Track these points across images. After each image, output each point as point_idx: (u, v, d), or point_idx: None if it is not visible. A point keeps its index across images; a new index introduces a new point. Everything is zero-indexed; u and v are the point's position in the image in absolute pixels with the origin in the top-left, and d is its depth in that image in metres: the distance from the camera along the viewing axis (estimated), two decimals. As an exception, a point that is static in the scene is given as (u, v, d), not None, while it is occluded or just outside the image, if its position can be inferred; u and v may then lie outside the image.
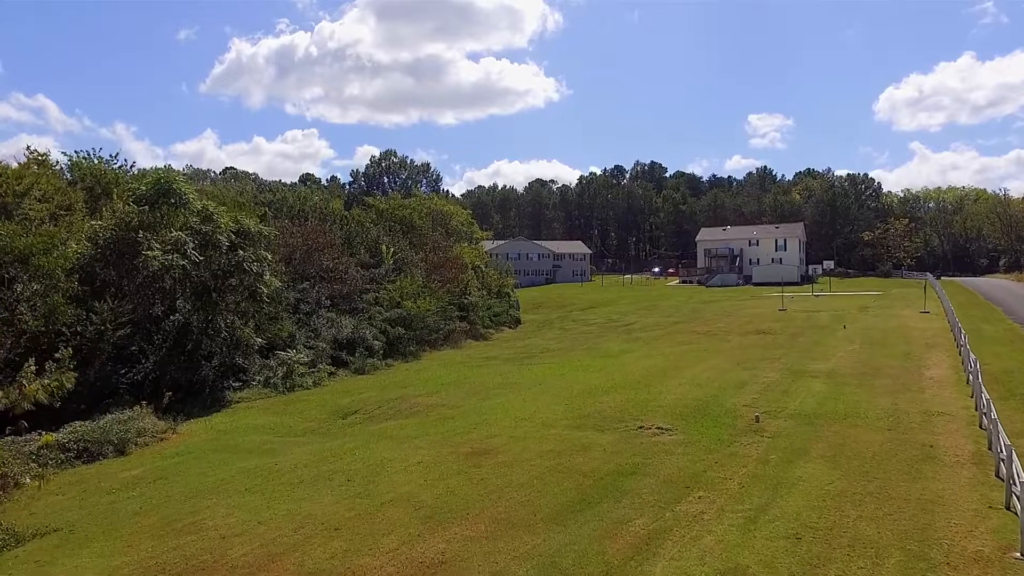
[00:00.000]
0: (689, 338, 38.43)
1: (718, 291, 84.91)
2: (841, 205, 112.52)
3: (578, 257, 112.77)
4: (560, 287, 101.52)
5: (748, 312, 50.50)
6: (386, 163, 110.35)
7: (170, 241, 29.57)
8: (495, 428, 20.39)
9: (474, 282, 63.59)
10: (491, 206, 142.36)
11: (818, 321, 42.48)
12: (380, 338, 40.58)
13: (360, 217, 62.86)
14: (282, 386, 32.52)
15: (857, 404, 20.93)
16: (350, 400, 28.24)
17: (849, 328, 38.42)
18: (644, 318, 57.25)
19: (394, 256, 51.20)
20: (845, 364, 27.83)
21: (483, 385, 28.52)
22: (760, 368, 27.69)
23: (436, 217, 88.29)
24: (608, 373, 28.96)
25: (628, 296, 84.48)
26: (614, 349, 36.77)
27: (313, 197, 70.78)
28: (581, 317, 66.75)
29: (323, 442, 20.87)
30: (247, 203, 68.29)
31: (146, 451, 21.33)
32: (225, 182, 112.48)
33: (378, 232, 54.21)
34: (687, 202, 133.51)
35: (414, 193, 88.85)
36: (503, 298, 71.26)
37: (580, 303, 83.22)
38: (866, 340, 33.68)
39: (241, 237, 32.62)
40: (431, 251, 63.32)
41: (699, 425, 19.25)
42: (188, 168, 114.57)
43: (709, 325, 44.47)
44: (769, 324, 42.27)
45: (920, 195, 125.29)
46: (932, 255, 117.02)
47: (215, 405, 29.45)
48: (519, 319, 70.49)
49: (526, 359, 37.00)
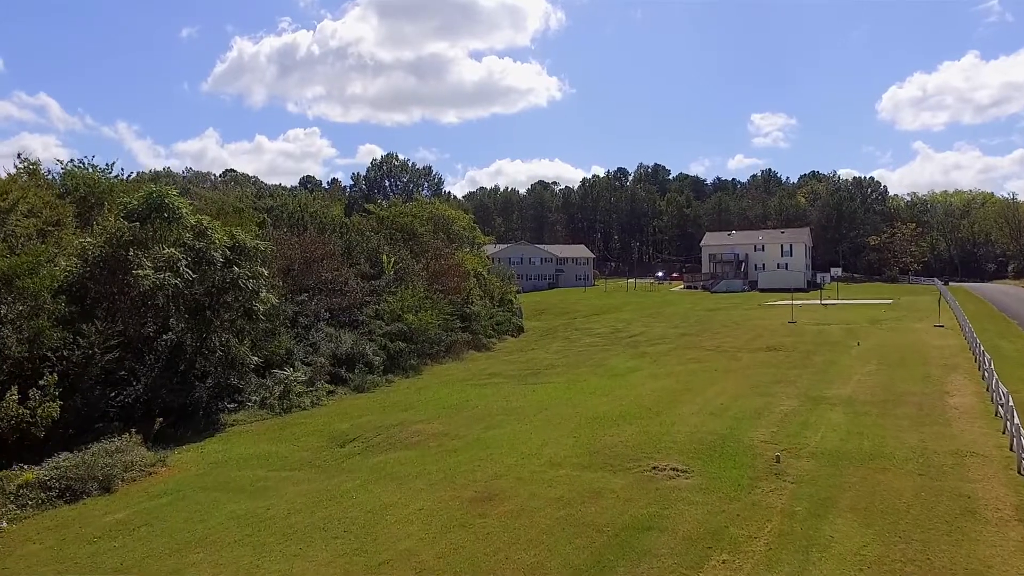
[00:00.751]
0: (698, 355, 37.33)
1: (723, 297, 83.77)
2: (847, 209, 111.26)
3: (581, 261, 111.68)
4: (563, 292, 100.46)
5: (757, 324, 49.38)
6: (387, 166, 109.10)
7: (162, 258, 28.52)
8: (500, 466, 19.31)
9: (476, 290, 62.53)
10: (493, 209, 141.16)
11: (830, 336, 41.36)
12: (380, 354, 39.53)
13: (360, 225, 61.85)
14: (279, 407, 31.47)
15: (882, 441, 19.82)
16: (348, 425, 27.16)
17: (863, 345, 37.31)
18: (650, 328, 56.15)
19: (395, 266, 50.13)
20: (863, 389, 26.72)
21: (486, 410, 27.44)
22: (775, 394, 26.59)
23: (438, 222, 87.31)
24: (617, 397, 27.88)
25: (632, 303, 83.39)
26: (621, 367, 35.68)
27: (314, 203, 69.78)
28: (585, 325, 65.69)
29: (319, 480, 19.79)
30: (246, 209, 67.36)
31: (133, 488, 20.25)
32: (225, 185, 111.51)
33: (378, 241, 53.14)
34: (691, 205, 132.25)
35: (415, 197, 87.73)
36: (506, 305, 70.26)
37: (583, 309, 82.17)
38: (883, 360, 32.56)
39: (236, 253, 31.58)
40: (433, 258, 62.33)
41: (717, 465, 18.16)
42: (188, 171, 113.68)
43: (717, 339, 43.36)
44: (779, 339, 41.15)
45: (927, 199, 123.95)
46: (939, 260, 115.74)
47: (209, 429, 28.40)
48: (522, 327, 69.53)
49: (530, 376, 35.94)
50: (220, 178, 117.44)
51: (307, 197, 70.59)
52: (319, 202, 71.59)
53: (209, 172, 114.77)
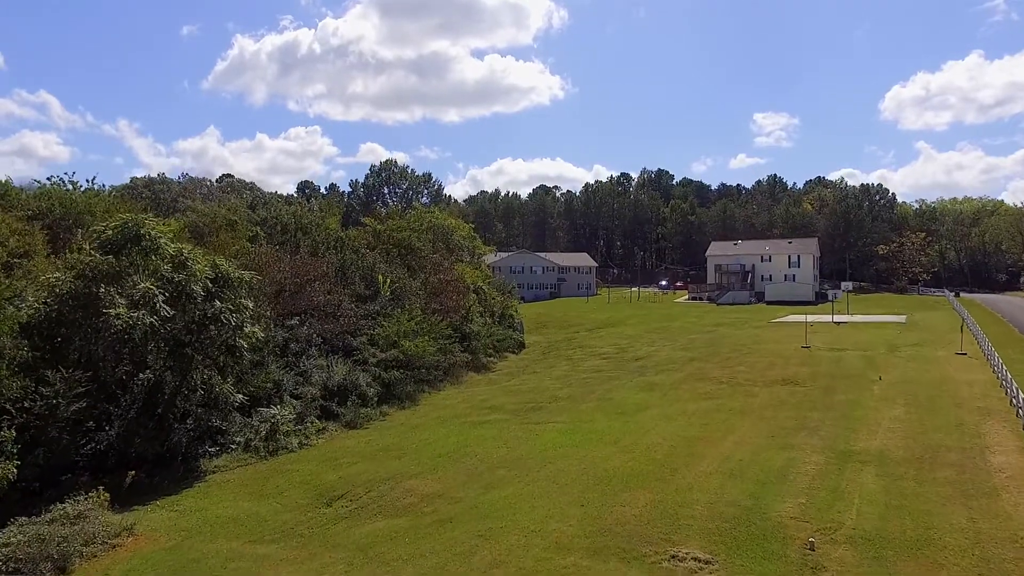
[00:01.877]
0: (710, 388, 35.28)
1: (729, 310, 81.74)
2: (855, 217, 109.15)
3: (583, 270, 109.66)
4: (565, 302, 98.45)
5: (768, 349, 47.32)
6: (386, 173, 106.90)
7: (137, 294, 26.50)
8: (501, 548, 17.28)
9: (476, 307, 60.53)
10: (494, 215, 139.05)
11: (848, 367, 39.28)
12: (374, 385, 37.49)
13: (356, 239, 59.85)
14: (264, 449, 29.50)
15: (927, 519, 17.76)
16: (337, 477, 25.18)
17: (885, 379, 35.26)
18: (657, 348, 54.16)
19: (391, 286, 48.08)
20: (894, 441, 24.66)
21: (485, 459, 25.42)
22: (798, 446, 24.53)
23: (437, 232, 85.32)
24: (626, 446, 25.84)
25: (636, 315, 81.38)
26: (629, 402, 33.63)
27: (308, 214, 67.75)
28: (588, 342, 63.76)
29: (299, 560, 17.76)
30: (240, 221, 65.37)
31: (93, 567, 18.23)
32: (221, 192, 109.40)
33: (374, 259, 51.07)
34: (695, 212, 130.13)
35: (414, 206, 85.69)
36: (506, 320, 68.30)
37: (586, 322, 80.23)
38: (909, 401, 30.50)
39: (218, 284, 29.51)
40: (431, 273, 60.34)
41: (744, 555, 16.11)
42: (184, 176, 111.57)
43: (729, 367, 41.31)
44: (795, 369, 39.10)
45: (935, 205, 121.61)
46: (948, 269, 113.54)
47: (188, 478, 26.49)
48: (523, 343, 67.62)
49: (532, 412, 33.91)
50: (217, 183, 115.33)
51: (301, 208, 68.49)
52: (314, 213, 69.58)
53: (204, 178, 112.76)
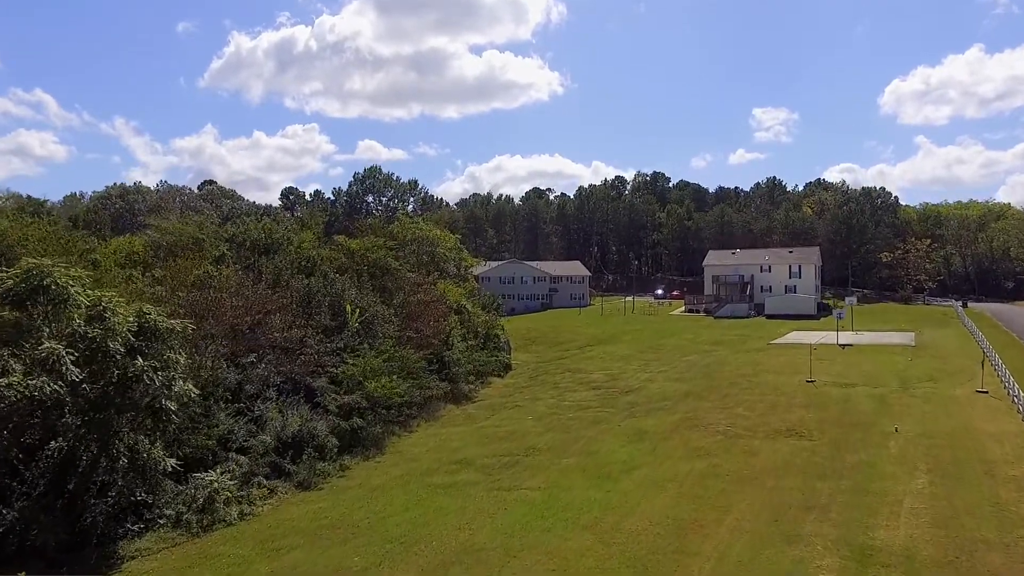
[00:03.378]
0: (705, 443, 31.66)
1: (728, 326, 78.18)
2: (857, 223, 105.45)
3: (576, 280, 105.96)
4: (557, 315, 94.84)
5: (769, 382, 43.75)
6: (370, 181, 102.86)
7: (39, 357, 22.86)
8: None
9: (457, 329, 56.87)
10: (485, 220, 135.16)
11: (858, 411, 35.66)
12: (331, 438, 33.80)
13: (329, 259, 56.17)
14: (197, 524, 25.93)
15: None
16: (268, 570, 21.68)
17: (902, 430, 31.71)
18: (650, 376, 50.68)
19: (360, 318, 44.35)
20: (921, 532, 21.05)
21: (441, 551, 21.86)
22: (807, 538, 20.92)
23: (422, 244, 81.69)
24: (606, 532, 22.28)
25: (630, 331, 77.86)
26: (615, 460, 30.01)
27: (279, 229, 63.96)
28: (578, 364, 60.46)
29: None
30: (207, 239, 61.66)
31: None
32: (202, 200, 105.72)
33: (344, 284, 47.27)
34: (692, 218, 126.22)
35: (398, 217, 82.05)
36: (491, 341, 64.74)
37: (577, 338, 76.87)
38: (932, 464, 26.91)
39: (144, 337, 25.81)
40: (410, 293, 56.73)
41: None
42: (162, 184, 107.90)
43: (727, 408, 37.76)
44: (799, 413, 35.53)
45: (939, 207, 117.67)
46: (953, 276, 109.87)
47: (102, 567, 22.92)
48: (509, 364, 64.27)
49: (505, 470, 30.36)
50: (198, 191, 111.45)
51: (274, 223, 64.80)
52: (287, 227, 65.81)
53: (184, 187, 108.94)
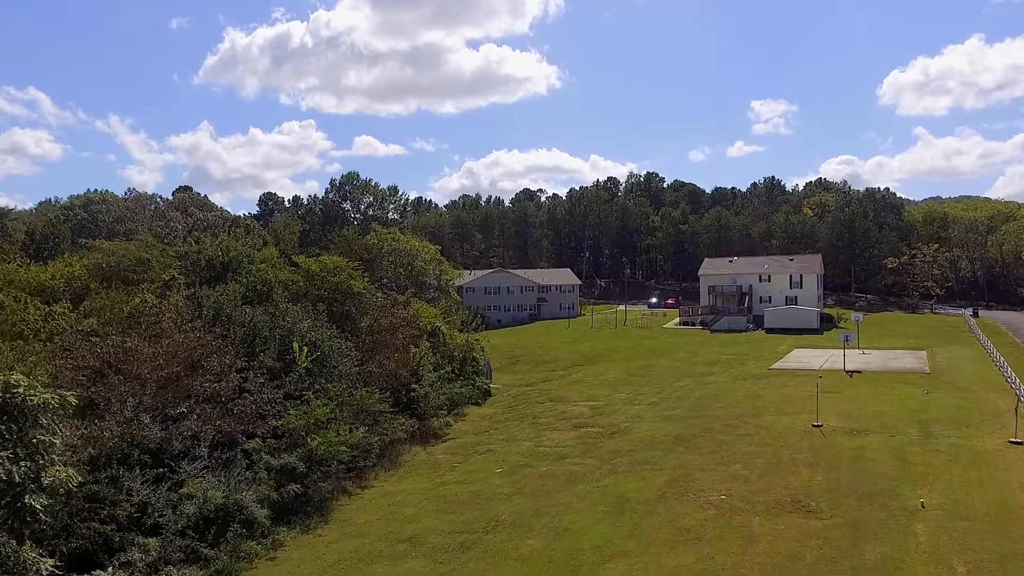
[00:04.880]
0: (696, 520, 26.71)
1: (726, 342, 73.37)
2: (860, 227, 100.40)
3: (566, 289, 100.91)
4: (545, 328, 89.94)
5: (770, 425, 38.91)
6: (348, 187, 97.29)
7: None
8: None
9: (428, 357, 51.87)
10: (472, 224, 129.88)
11: (875, 474, 30.65)
12: (261, 511, 28.91)
13: (287, 283, 51.22)
14: (70, 648, 21.02)
15: None
16: None
17: (929, 503, 26.84)
18: (639, 411, 45.92)
19: (311, 356, 39.34)
20: None
21: None
22: None
23: (399, 256, 76.76)
24: None
25: (620, 349, 73.05)
26: (587, 546, 25.08)
27: (238, 246, 58.90)
28: (561, 392, 55.89)
29: None
30: (153, 259, 56.60)
31: None
32: (174, 210, 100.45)
33: (296, 316, 42.16)
34: (687, 221, 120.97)
35: (373, 228, 77.10)
36: (469, 366, 59.85)
37: (564, 357, 72.32)
38: (972, 563, 22.01)
39: (7, 417, 20.91)
40: (377, 316, 51.84)
41: None
42: (129, 193, 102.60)
43: (723, 463, 32.90)
44: (806, 475, 30.65)
45: (947, 210, 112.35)
46: (961, 281, 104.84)
47: None
48: (488, 390, 59.57)
49: (461, 552, 25.53)
50: (170, 200, 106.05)
51: (230, 242, 59.78)
52: (248, 243, 60.76)
53: (156, 195, 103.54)
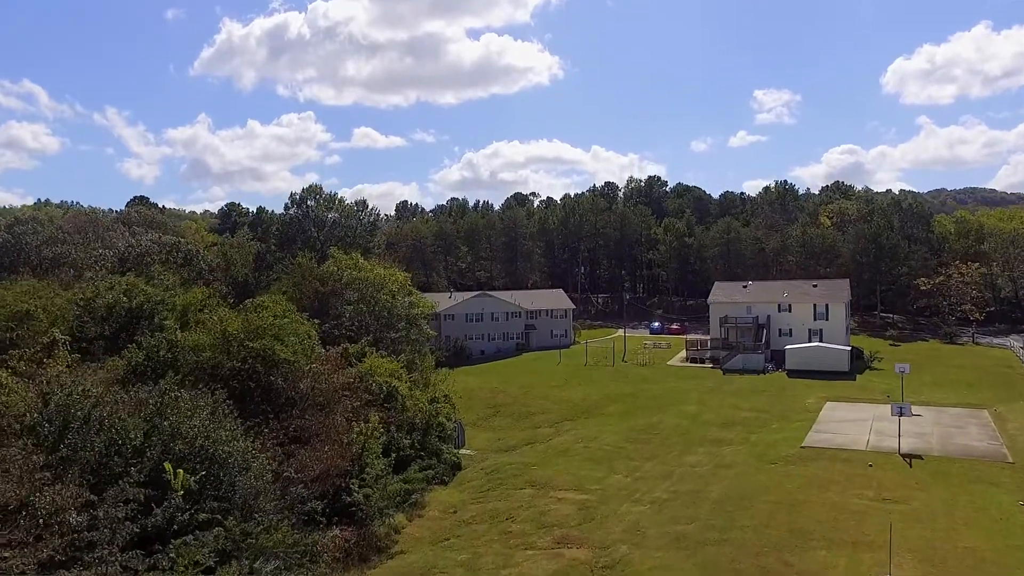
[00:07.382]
0: None
1: (741, 387, 62.68)
2: (887, 241, 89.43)
3: (558, 314, 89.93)
4: (532, 362, 79.09)
5: (811, 563, 28.30)
6: (311, 201, 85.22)
7: None
8: None
9: (377, 438, 41.19)
10: (456, 236, 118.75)
11: None
12: None
13: (197, 347, 40.30)
14: None
15: None
16: None
17: None
18: (639, 522, 35.25)
19: (197, 476, 28.42)
20: None
21: None
22: None
23: (363, 286, 66.07)
24: None
25: (618, 397, 62.43)
26: None
27: (151, 290, 47.87)
28: (545, 472, 45.35)
29: None
30: (37, 311, 45.61)
31: None
32: (123, 224, 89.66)
33: (179, 414, 31.03)
34: (693, 233, 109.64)
35: (332, 254, 66.39)
36: (434, 432, 49.33)
37: (553, 409, 61.88)
38: None
39: None
40: (313, 382, 41.30)
41: None
42: (70, 206, 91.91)
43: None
44: None
45: (982, 220, 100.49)
46: (1000, 302, 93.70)
47: None
48: (459, 462, 49.17)
49: None
50: (124, 211, 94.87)
51: (138, 282, 48.88)
52: (162, 287, 49.87)
53: (112, 209, 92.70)
